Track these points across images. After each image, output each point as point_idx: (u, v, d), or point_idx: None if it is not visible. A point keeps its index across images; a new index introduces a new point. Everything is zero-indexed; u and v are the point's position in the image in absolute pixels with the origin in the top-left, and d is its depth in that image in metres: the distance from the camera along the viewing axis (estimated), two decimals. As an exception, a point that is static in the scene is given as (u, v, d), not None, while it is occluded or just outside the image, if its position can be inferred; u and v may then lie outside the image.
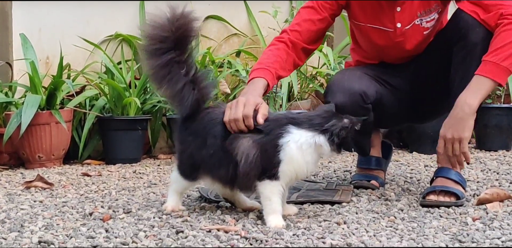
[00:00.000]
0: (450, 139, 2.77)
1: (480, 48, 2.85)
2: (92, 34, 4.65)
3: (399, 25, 3.00)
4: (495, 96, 4.59)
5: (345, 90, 2.94)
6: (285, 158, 2.53)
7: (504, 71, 2.75)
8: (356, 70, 3.10)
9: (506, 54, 2.75)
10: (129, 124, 4.32)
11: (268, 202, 2.56)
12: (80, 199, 3.16)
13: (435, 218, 2.66)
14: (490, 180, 3.39)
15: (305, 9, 3.06)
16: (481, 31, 2.85)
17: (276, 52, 2.96)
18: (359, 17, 3.07)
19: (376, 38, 3.07)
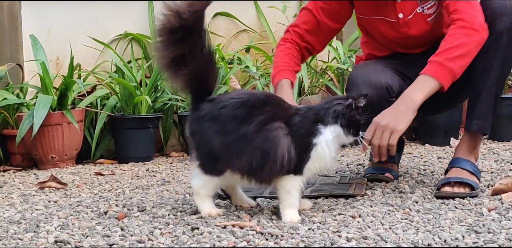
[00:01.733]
0: (383, 126, 2.70)
1: (506, 38, 2.83)
2: (101, 33, 4.66)
3: (401, 16, 2.99)
4: (507, 86, 4.57)
5: (371, 83, 2.91)
6: (315, 156, 2.53)
7: (448, 72, 2.73)
8: (378, 63, 3.08)
9: (452, 56, 2.73)
10: (140, 123, 4.32)
11: (288, 196, 2.55)
12: (94, 198, 3.16)
13: (450, 209, 2.65)
14: (504, 170, 3.38)
15: (304, 10, 3.13)
16: (508, 20, 2.83)
17: (286, 52, 3.06)
18: (363, 11, 3.07)
19: (383, 29, 3.07)
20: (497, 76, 2.89)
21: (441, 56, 2.74)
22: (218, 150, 2.53)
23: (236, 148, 2.50)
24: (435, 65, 2.74)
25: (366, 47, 3.27)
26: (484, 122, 2.93)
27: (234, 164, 2.53)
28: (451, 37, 2.77)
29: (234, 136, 2.50)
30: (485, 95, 2.90)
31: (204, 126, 2.55)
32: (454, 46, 2.75)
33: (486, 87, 2.89)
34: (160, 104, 4.46)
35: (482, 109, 2.92)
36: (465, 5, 2.81)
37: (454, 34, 2.77)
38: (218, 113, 2.53)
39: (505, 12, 2.84)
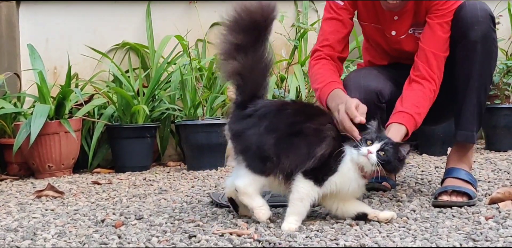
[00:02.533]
0: None
1: (480, 46, 2.88)
2: (99, 43, 4.66)
3: (394, 33, 3.02)
4: (504, 96, 4.58)
5: (361, 88, 2.93)
6: (341, 170, 2.54)
7: (414, 124, 2.82)
8: (372, 69, 3.11)
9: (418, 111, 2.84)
10: (138, 132, 4.32)
11: (299, 203, 2.54)
12: (92, 206, 3.16)
13: (448, 218, 2.66)
14: (501, 180, 3.38)
15: (326, 21, 3.07)
16: (480, 29, 2.88)
17: (326, 67, 2.99)
18: (364, 17, 3.09)
19: (378, 38, 3.09)
20: (476, 85, 2.91)
21: (412, 110, 2.83)
22: (268, 148, 2.55)
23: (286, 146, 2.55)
24: (407, 116, 2.82)
25: (366, 54, 3.28)
26: (468, 132, 2.95)
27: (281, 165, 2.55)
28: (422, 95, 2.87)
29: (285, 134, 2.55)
30: (467, 106, 2.93)
31: (251, 125, 2.59)
32: (423, 104, 2.87)
33: (466, 97, 2.93)
34: (157, 113, 4.46)
35: (465, 120, 2.95)
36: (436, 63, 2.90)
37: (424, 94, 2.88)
38: (266, 112, 2.59)
39: (476, 21, 2.88)
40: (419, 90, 2.89)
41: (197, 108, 4.40)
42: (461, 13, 2.90)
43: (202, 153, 4.19)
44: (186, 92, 4.41)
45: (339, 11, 3.03)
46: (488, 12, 2.92)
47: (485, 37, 2.89)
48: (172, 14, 4.83)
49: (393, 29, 3.02)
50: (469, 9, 2.90)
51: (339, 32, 3.03)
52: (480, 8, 2.91)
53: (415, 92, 2.89)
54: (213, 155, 4.17)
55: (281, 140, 2.55)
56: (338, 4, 3.03)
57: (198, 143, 4.20)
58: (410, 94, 2.89)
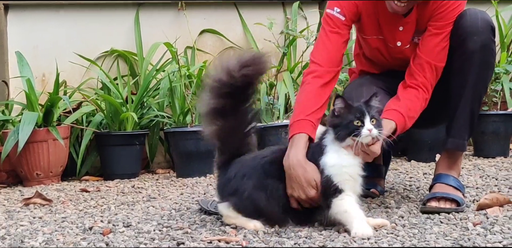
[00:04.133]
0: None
1: (478, 57, 2.87)
2: (87, 50, 4.65)
3: (399, 44, 3.00)
4: (492, 103, 4.60)
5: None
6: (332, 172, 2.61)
7: (403, 124, 2.84)
8: (371, 85, 3.04)
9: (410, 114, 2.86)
10: (126, 139, 4.31)
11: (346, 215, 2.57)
12: (79, 214, 3.15)
13: (436, 224, 2.66)
14: (489, 186, 3.39)
15: (327, 35, 2.93)
16: (479, 39, 2.87)
17: (313, 93, 2.86)
18: (367, 30, 3.04)
19: (381, 49, 3.06)
20: (471, 95, 2.91)
21: (404, 111, 2.84)
22: (261, 205, 2.62)
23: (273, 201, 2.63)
24: (398, 115, 2.83)
25: (358, 62, 3.26)
26: (459, 140, 2.96)
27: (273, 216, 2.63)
28: (416, 101, 2.88)
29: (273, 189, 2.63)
30: (460, 114, 2.93)
31: (239, 185, 2.64)
32: (415, 109, 2.88)
33: (460, 106, 2.93)
34: (146, 121, 4.45)
35: (457, 128, 2.95)
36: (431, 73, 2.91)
37: (418, 100, 2.89)
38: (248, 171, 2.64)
39: (476, 31, 2.87)
40: (413, 96, 2.88)
41: (186, 115, 4.40)
42: (461, 22, 2.89)
43: (191, 160, 4.19)
44: (175, 99, 4.41)
45: (340, 27, 2.93)
46: (488, 23, 2.91)
47: (484, 47, 2.88)
48: (161, 21, 4.83)
49: (398, 40, 3.00)
50: (470, 18, 2.89)
51: (339, 49, 2.93)
52: (481, 18, 2.89)
53: (409, 96, 2.88)
54: (202, 162, 4.16)
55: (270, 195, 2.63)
56: (340, 19, 2.93)
57: (187, 150, 4.19)
58: (405, 97, 2.88)
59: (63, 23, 4.63)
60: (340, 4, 2.95)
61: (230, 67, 2.63)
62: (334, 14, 2.95)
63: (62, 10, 4.63)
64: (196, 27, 4.88)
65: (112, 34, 4.74)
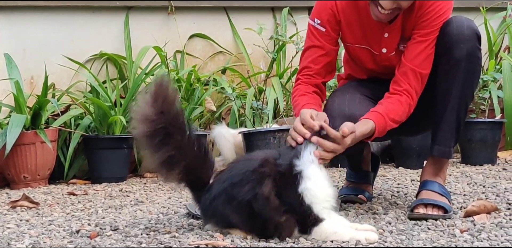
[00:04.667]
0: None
1: (464, 65, 2.87)
2: (77, 53, 4.64)
3: (385, 51, 3.00)
4: (480, 111, 4.61)
5: (346, 116, 2.86)
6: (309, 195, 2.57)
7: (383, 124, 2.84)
8: (355, 92, 3.04)
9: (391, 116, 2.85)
10: (114, 143, 4.30)
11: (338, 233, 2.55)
12: (67, 217, 3.14)
13: (423, 230, 2.67)
14: (476, 193, 3.40)
15: (308, 49, 3.01)
16: (465, 47, 2.87)
17: (304, 92, 2.96)
18: (348, 38, 3.05)
19: (363, 57, 3.07)
20: (457, 103, 2.92)
21: (385, 113, 2.85)
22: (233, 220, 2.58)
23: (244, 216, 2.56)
24: (378, 116, 2.83)
25: (347, 67, 3.26)
26: (445, 148, 2.96)
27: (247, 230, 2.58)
28: (398, 105, 2.88)
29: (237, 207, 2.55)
30: (446, 121, 2.93)
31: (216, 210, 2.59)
32: (398, 113, 2.87)
33: (446, 113, 2.93)
34: (134, 124, 4.44)
35: (442, 135, 2.95)
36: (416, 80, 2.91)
37: (401, 104, 2.88)
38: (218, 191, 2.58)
39: (462, 39, 2.88)
40: (396, 100, 2.89)
41: (175, 119, 4.38)
42: (447, 29, 2.89)
43: (179, 164, 4.17)
44: (163, 103, 4.39)
45: (320, 38, 2.97)
46: (474, 31, 2.91)
47: (470, 55, 2.88)
48: (151, 25, 4.83)
49: (383, 47, 3.00)
50: (456, 26, 2.89)
51: (321, 61, 2.98)
52: (467, 25, 2.90)
53: (392, 100, 2.89)
54: (190, 167, 4.15)
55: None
56: (320, 30, 2.97)
57: (175, 154, 4.17)
58: (387, 101, 2.89)
59: (52, 25, 4.62)
60: (320, 15, 2.99)
61: (148, 115, 2.54)
62: (314, 25, 3.00)
63: (51, 12, 4.62)
64: (186, 32, 4.88)
65: (101, 37, 4.73)
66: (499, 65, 4.83)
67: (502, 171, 4.15)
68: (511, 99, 4.72)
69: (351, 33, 3.01)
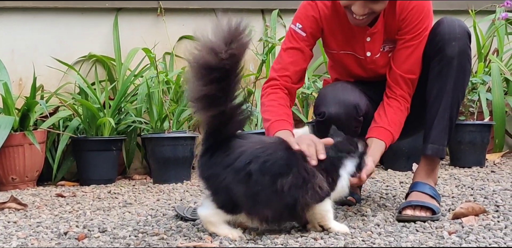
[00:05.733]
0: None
1: (456, 62, 2.89)
2: (65, 55, 4.63)
3: (369, 54, 3.02)
4: (469, 113, 4.62)
5: (340, 101, 2.91)
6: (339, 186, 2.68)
7: (391, 140, 2.98)
8: (346, 83, 3.10)
9: (396, 128, 2.98)
10: (103, 144, 4.29)
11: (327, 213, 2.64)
12: (55, 219, 3.13)
13: (411, 232, 2.67)
14: (464, 195, 3.40)
15: (287, 51, 3.02)
16: (457, 45, 2.90)
17: (281, 102, 2.95)
18: (332, 45, 3.08)
19: (349, 63, 3.08)
20: (450, 101, 2.94)
21: (391, 127, 2.96)
22: (239, 200, 2.52)
23: (262, 203, 2.52)
24: (386, 132, 2.95)
25: (333, 72, 3.28)
26: (439, 146, 2.97)
27: (255, 214, 2.55)
28: (399, 113, 2.99)
29: (260, 192, 2.51)
30: (439, 120, 2.95)
31: (222, 172, 2.51)
32: (400, 121, 2.99)
33: (439, 112, 2.95)
34: (123, 126, 4.43)
35: (436, 133, 2.96)
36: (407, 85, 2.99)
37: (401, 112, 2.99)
38: (242, 168, 2.50)
39: (454, 37, 2.91)
40: (396, 108, 2.96)
41: (164, 121, 4.38)
42: (439, 29, 2.93)
43: (168, 166, 4.18)
44: (152, 105, 4.39)
45: (300, 43, 3.00)
46: (465, 29, 2.94)
47: (462, 53, 2.91)
48: (140, 26, 4.82)
49: (367, 50, 3.02)
50: (447, 25, 2.93)
51: (299, 64, 3.00)
52: (458, 24, 2.93)
53: (393, 109, 2.96)
54: (179, 168, 4.15)
55: (254, 197, 2.52)
56: (300, 35, 2.99)
57: (164, 156, 4.18)
58: (390, 111, 2.96)
59: (40, 27, 4.61)
60: (302, 20, 3.02)
61: (216, 49, 2.44)
62: (295, 29, 3.02)
63: (40, 14, 4.61)
64: (175, 33, 4.87)
65: (90, 39, 4.72)
66: (488, 68, 4.84)
67: (491, 173, 4.16)
68: (499, 102, 4.74)
69: (335, 40, 3.04)
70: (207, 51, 2.44)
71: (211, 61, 2.43)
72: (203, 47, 2.45)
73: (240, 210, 2.55)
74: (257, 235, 2.62)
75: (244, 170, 2.49)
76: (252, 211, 2.54)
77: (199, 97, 2.50)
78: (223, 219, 2.58)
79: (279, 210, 2.54)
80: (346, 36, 3.02)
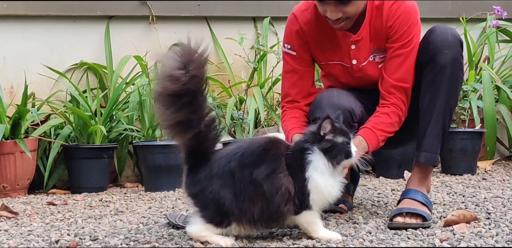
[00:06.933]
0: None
1: (449, 70, 2.90)
2: (57, 62, 4.62)
3: (355, 62, 3.03)
4: (460, 121, 4.64)
5: (335, 106, 2.92)
6: (312, 188, 2.59)
7: (376, 144, 2.93)
8: (342, 89, 3.10)
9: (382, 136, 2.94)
10: (94, 152, 4.28)
11: (314, 225, 2.63)
12: (46, 227, 3.12)
13: (403, 240, 2.67)
14: (456, 203, 3.41)
15: (285, 75, 3.09)
16: (450, 53, 2.91)
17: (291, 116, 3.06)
18: (319, 57, 3.09)
19: (337, 73, 3.10)
20: (442, 108, 2.95)
21: (378, 130, 2.93)
22: (227, 205, 2.53)
23: (246, 200, 2.53)
24: (370, 133, 2.91)
25: (326, 80, 3.29)
26: (432, 154, 2.98)
27: (243, 216, 2.54)
28: (388, 117, 2.95)
29: (242, 188, 2.52)
30: (432, 128, 2.95)
31: (207, 185, 2.54)
32: (386, 123, 2.95)
33: (432, 120, 2.95)
34: (115, 134, 4.43)
35: (429, 142, 2.97)
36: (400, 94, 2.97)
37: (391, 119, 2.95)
38: (223, 171, 2.54)
39: (446, 45, 2.92)
40: (384, 114, 2.95)
41: (155, 129, 4.38)
42: (432, 37, 2.94)
43: (159, 174, 4.17)
44: (144, 113, 4.39)
45: (293, 63, 3.05)
46: (458, 37, 2.96)
47: (454, 61, 2.92)
48: (132, 34, 4.81)
49: (353, 58, 3.03)
50: (440, 33, 2.94)
51: (297, 84, 3.05)
52: (450, 33, 2.95)
53: (379, 114, 2.96)
54: (170, 176, 4.15)
55: (239, 196, 2.53)
56: (291, 54, 3.04)
57: (156, 164, 4.17)
58: (375, 115, 2.96)
59: (32, 35, 4.60)
60: (289, 39, 3.08)
61: (176, 75, 2.47)
62: (286, 51, 3.09)
63: (32, 21, 4.60)
64: (167, 41, 4.87)
65: (81, 46, 4.71)
66: (479, 76, 4.86)
67: (482, 180, 4.17)
68: (490, 110, 4.75)
69: (321, 51, 3.06)
70: (167, 79, 2.49)
71: (175, 89, 2.48)
72: (163, 77, 2.51)
73: (229, 222, 2.55)
74: (249, 242, 2.62)
75: (226, 171, 2.53)
76: (241, 214, 2.54)
77: (172, 124, 2.55)
78: (213, 233, 2.59)
79: (262, 206, 2.53)
80: (332, 46, 3.04)
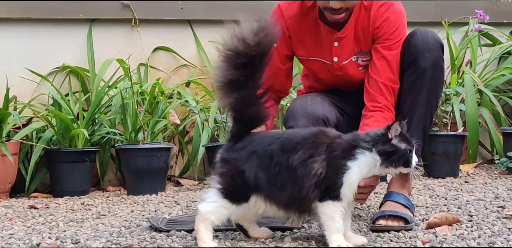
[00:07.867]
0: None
1: (429, 73, 2.91)
2: (39, 66, 4.60)
3: (336, 59, 3.05)
4: (442, 124, 4.65)
5: (309, 115, 2.93)
6: (347, 180, 2.53)
7: None
8: (316, 95, 3.10)
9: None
10: (77, 156, 4.26)
11: (332, 222, 2.54)
12: (27, 231, 3.10)
13: (386, 242, 2.68)
14: (438, 205, 3.42)
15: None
16: (431, 56, 2.92)
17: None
18: (301, 52, 3.10)
19: (318, 70, 3.11)
20: (423, 112, 2.96)
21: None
22: (258, 182, 2.54)
23: (279, 181, 2.53)
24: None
25: (306, 80, 3.30)
26: None
27: (274, 196, 2.55)
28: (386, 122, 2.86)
29: (277, 173, 2.54)
30: (413, 131, 2.95)
31: (244, 158, 2.57)
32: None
33: (413, 123, 2.96)
34: (97, 137, 4.41)
35: None
36: (389, 93, 2.97)
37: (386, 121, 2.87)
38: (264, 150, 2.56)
39: (427, 48, 2.93)
40: (381, 117, 2.92)
41: (138, 132, 4.36)
42: (413, 40, 2.95)
43: (142, 178, 4.16)
44: (127, 116, 4.37)
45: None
46: (438, 41, 2.98)
47: (435, 64, 2.94)
48: (114, 37, 4.80)
49: (334, 56, 3.04)
50: (421, 36, 2.95)
51: (271, 78, 2.98)
52: (431, 36, 2.96)
53: (377, 118, 2.92)
54: (153, 180, 4.14)
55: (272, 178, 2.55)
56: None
57: (138, 167, 4.16)
58: (373, 119, 2.92)
59: (14, 37, 4.58)
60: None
61: (245, 36, 2.57)
62: None
63: (13, 24, 4.58)
64: (150, 44, 4.86)
65: (64, 49, 4.69)
66: (462, 79, 4.88)
67: (464, 183, 4.18)
68: (473, 113, 4.77)
69: (303, 46, 3.07)
70: (236, 39, 2.58)
71: (239, 48, 2.56)
72: (233, 36, 2.59)
73: (246, 199, 2.56)
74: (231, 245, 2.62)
75: (267, 152, 2.56)
76: (270, 194, 2.55)
77: (224, 82, 2.61)
78: (221, 218, 2.57)
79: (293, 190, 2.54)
80: (314, 41, 3.05)
